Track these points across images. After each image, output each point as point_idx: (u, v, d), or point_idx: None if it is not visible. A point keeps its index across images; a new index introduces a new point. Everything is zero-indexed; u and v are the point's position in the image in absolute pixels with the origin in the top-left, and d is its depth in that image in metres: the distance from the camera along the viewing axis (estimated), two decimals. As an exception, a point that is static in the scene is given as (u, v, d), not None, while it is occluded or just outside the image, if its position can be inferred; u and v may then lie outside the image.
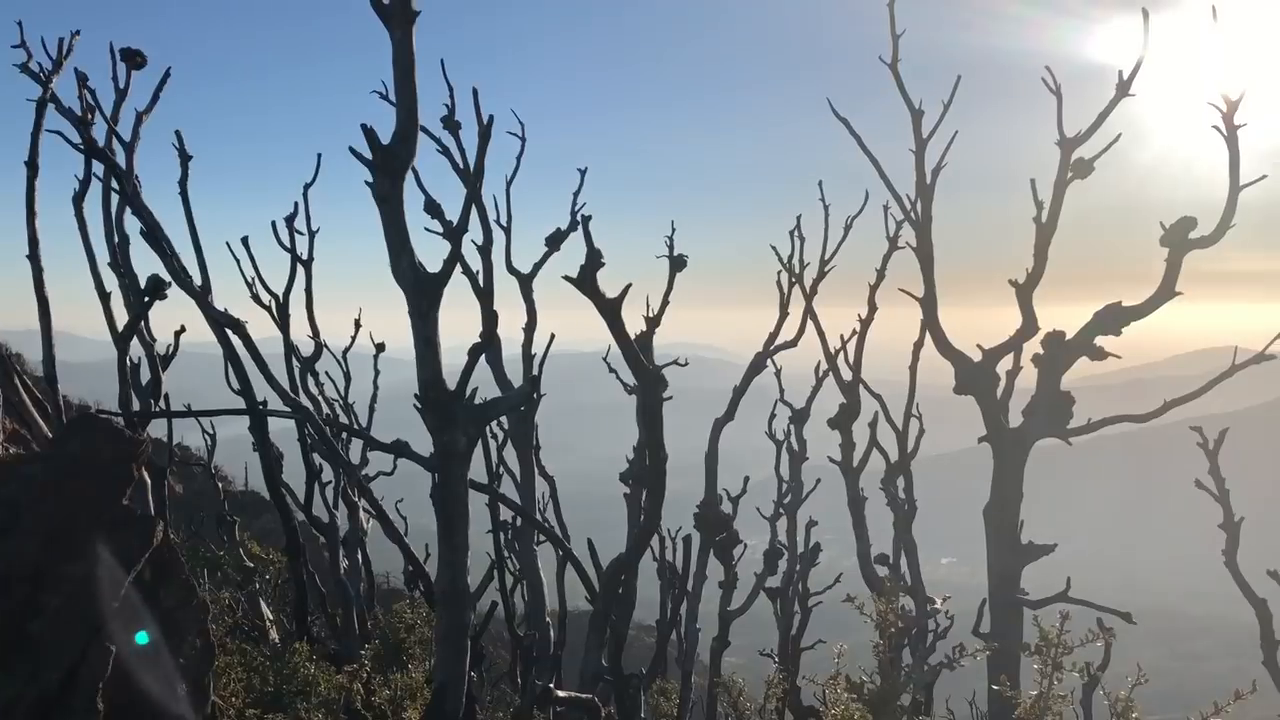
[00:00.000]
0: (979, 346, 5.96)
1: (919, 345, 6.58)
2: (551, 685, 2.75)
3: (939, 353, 6.13)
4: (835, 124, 6.32)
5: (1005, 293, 6.02)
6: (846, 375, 7.57)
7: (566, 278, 3.62)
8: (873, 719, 3.68)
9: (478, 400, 3.69)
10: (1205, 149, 5.41)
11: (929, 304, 6.15)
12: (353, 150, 3.38)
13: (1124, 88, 5.32)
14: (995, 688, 4.22)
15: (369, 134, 3.35)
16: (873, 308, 7.35)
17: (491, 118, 4.21)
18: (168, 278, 4.80)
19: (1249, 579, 6.85)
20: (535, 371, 6.96)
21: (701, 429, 8.14)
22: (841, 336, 7.39)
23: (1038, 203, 5.63)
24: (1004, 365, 6.11)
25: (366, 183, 3.42)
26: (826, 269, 7.34)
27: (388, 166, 3.37)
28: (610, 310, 3.59)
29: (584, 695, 2.99)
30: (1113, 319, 5.75)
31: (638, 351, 3.65)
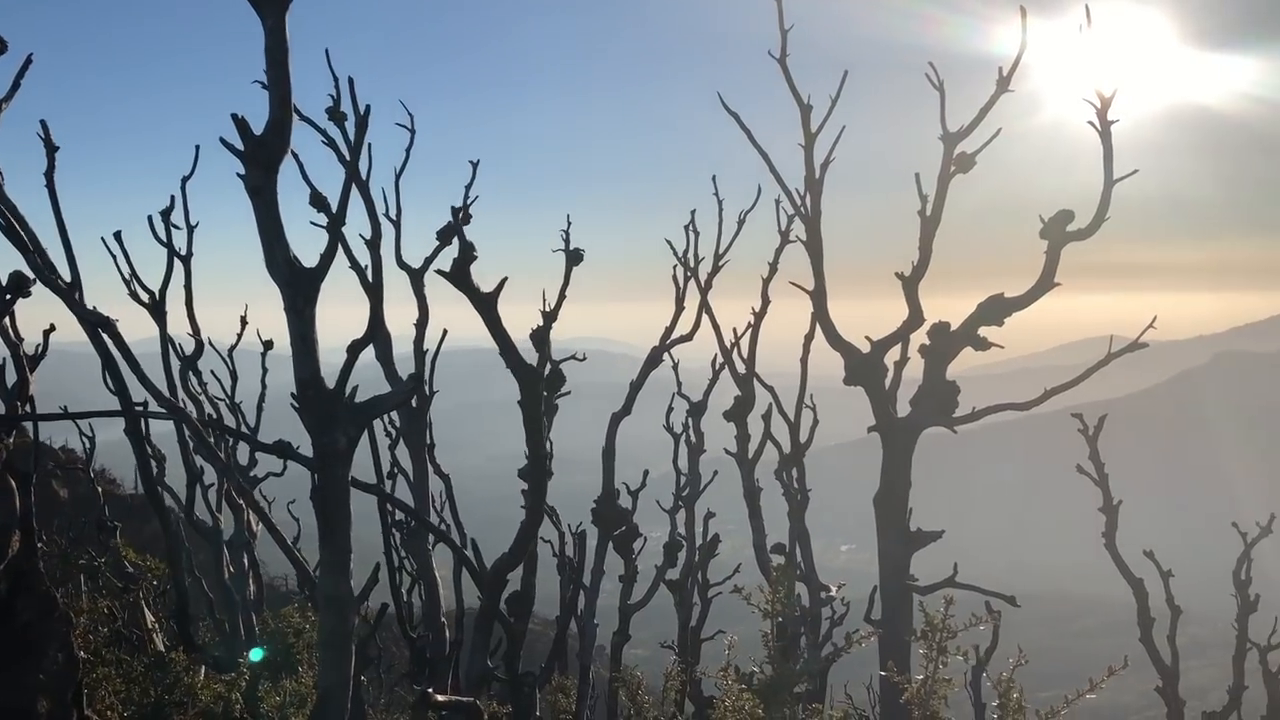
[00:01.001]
0: (868, 338, 6.07)
1: (809, 337, 6.67)
2: (430, 690, 2.69)
3: (829, 345, 6.22)
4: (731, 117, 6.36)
5: (894, 285, 6.14)
6: (742, 368, 7.64)
7: (440, 272, 3.56)
8: (763, 708, 3.70)
9: (364, 399, 3.63)
10: (1088, 144, 5.60)
11: (819, 297, 6.23)
12: (223, 141, 3.26)
13: (1004, 84, 5.47)
14: (883, 673, 4.29)
15: (240, 124, 3.23)
16: (766, 301, 7.42)
17: (368, 107, 4.12)
18: (31, 274, 4.58)
19: (1129, 559, 7.14)
20: (429, 368, 6.85)
21: (605, 424, 8.14)
22: (735, 330, 7.45)
23: (922, 196, 5.76)
24: (892, 356, 6.24)
25: (239, 175, 3.30)
26: (721, 263, 7.39)
27: (260, 158, 3.25)
28: (485, 305, 3.54)
29: (465, 699, 2.95)
30: (995, 310, 5.91)
31: (514, 347, 3.62)
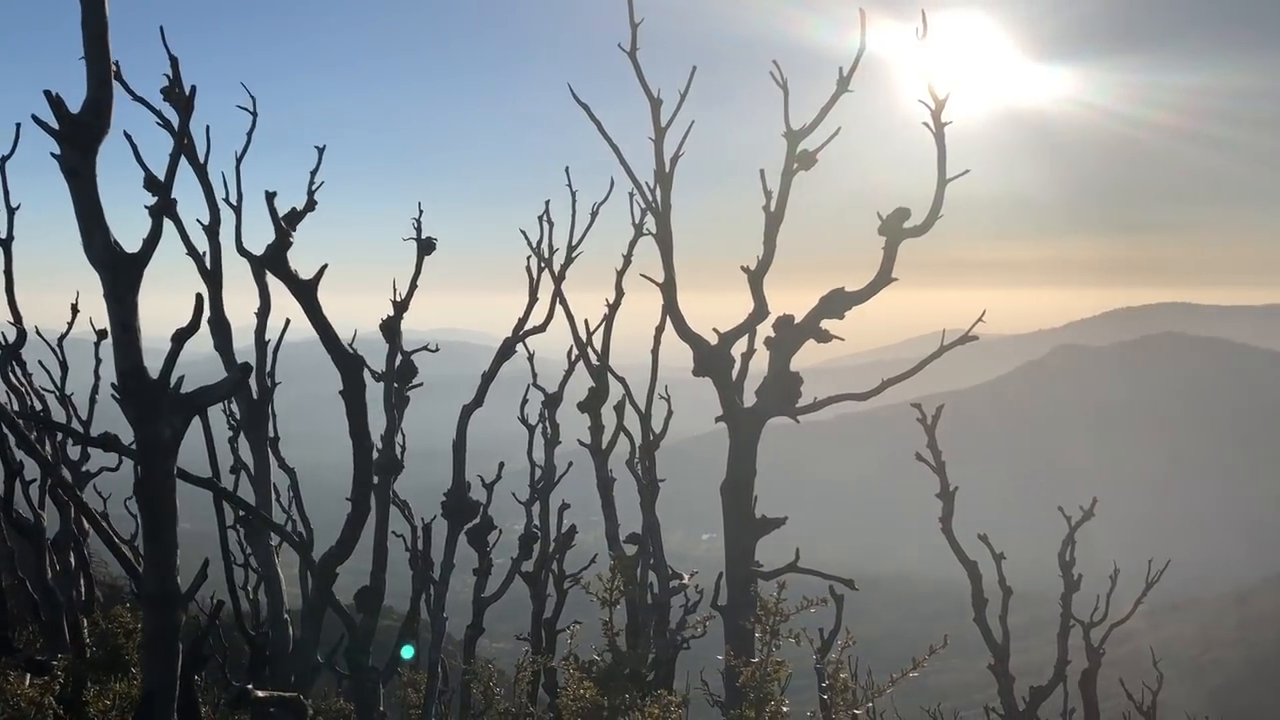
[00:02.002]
0: (715, 330, 6.19)
1: (660, 330, 6.76)
2: (249, 686, 2.63)
3: (679, 337, 6.31)
4: (595, 108, 6.38)
5: (742, 279, 6.27)
6: (597, 360, 7.68)
7: (249, 255, 3.48)
8: (602, 695, 3.75)
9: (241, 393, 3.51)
10: (931, 143, 5.81)
11: (669, 289, 6.31)
12: (36, 119, 3.11)
13: (843, 84, 5.65)
14: (719, 657, 4.40)
15: (54, 102, 3.08)
16: (620, 293, 7.48)
17: (194, 88, 3.98)
18: None
19: (973, 543, 7.47)
20: (271, 358, 6.66)
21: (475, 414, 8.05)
22: (586, 322, 7.48)
23: (766, 192, 5.89)
24: (739, 348, 6.38)
25: (54, 155, 3.15)
26: (574, 254, 7.40)
27: (77, 138, 3.11)
28: (305, 292, 3.47)
29: (288, 694, 2.89)
30: (837, 303, 6.10)
31: (335, 335, 3.55)
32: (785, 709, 3.76)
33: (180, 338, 3.20)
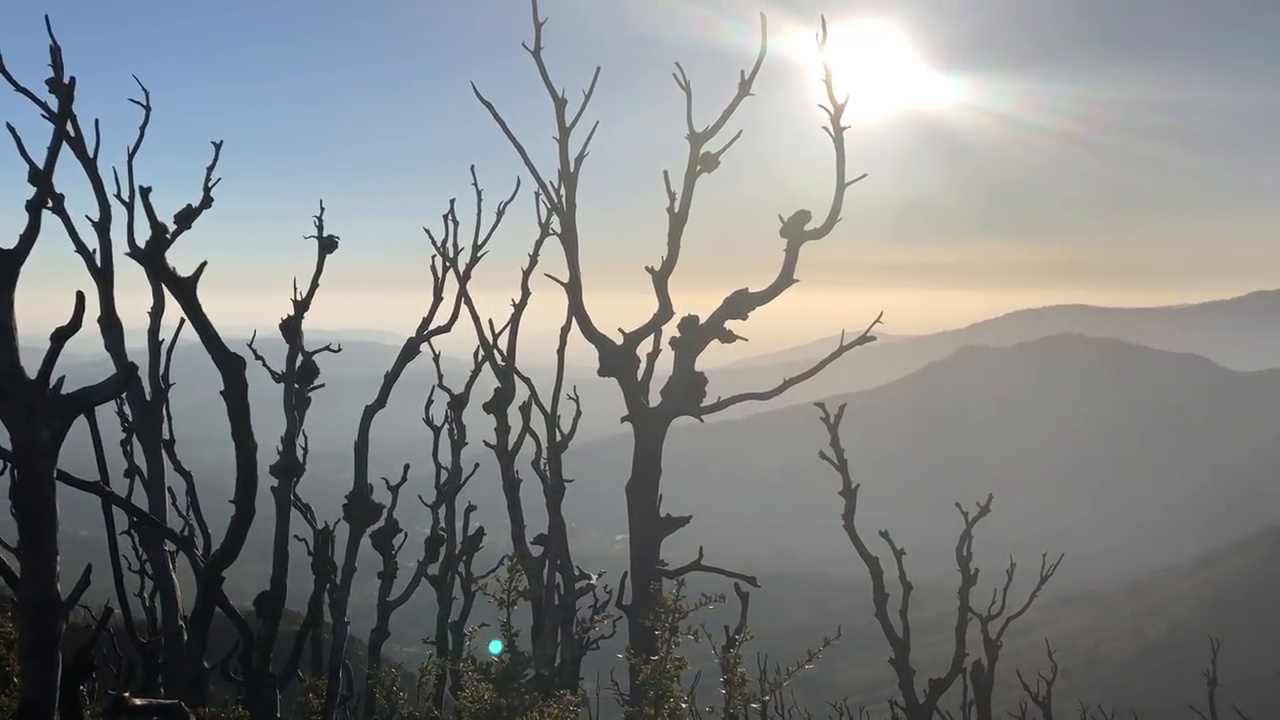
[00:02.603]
0: (620, 330, 6.21)
1: (566, 330, 6.75)
2: (125, 694, 2.55)
3: (585, 337, 6.31)
4: (504, 107, 6.35)
5: (649, 279, 6.29)
6: (503, 360, 7.63)
7: (130, 253, 3.39)
8: (501, 697, 3.73)
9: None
10: (849, 148, 5.92)
11: (574, 289, 6.31)
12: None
13: (745, 87, 5.72)
14: (620, 656, 4.41)
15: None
16: (526, 293, 7.45)
17: (74, 79, 3.84)
18: None
19: (879, 539, 7.61)
20: (165, 359, 6.48)
21: (381, 416, 7.93)
22: (491, 322, 7.44)
23: (670, 194, 5.93)
24: (645, 348, 6.41)
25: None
26: (479, 254, 7.35)
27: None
28: (184, 291, 3.39)
29: (168, 700, 2.82)
30: (740, 304, 6.17)
31: (216, 334, 3.47)
32: (684, 705, 3.80)
33: (60, 336, 3.09)
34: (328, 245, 6.89)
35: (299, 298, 6.77)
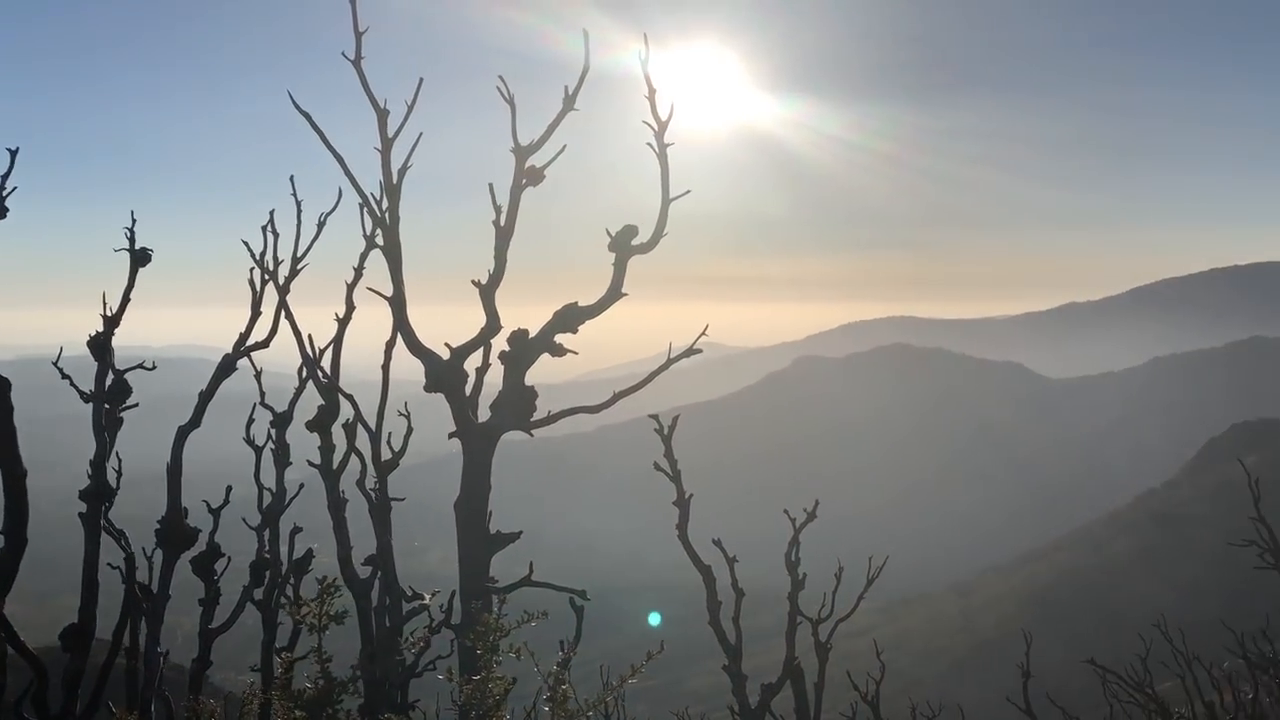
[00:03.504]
0: (447, 345, 6.12)
1: (390, 345, 6.61)
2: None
3: (410, 352, 6.20)
4: (331, 116, 6.20)
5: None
6: (326, 376, 7.40)
7: None
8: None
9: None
10: (681, 162, 5.99)
11: (398, 303, 6.19)
12: None
13: (569, 102, 5.74)
14: (440, 677, 4.33)
15: None
16: (350, 306, 7.25)
17: None
18: None
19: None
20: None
21: (202, 436, 7.57)
22: (310, 337, 7.21)
23: (496, 207, 5.90)
24: (475, 363, 6.34)
25: None
26: (299, 266, 7.12)
27: None
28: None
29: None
30: (570, 317, 6.18)
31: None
32: (506, 725, 3.76)
33: None
34: (140, 258, 6.57)
35: (109, 313, 6.44)
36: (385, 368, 6.80)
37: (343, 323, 7.20)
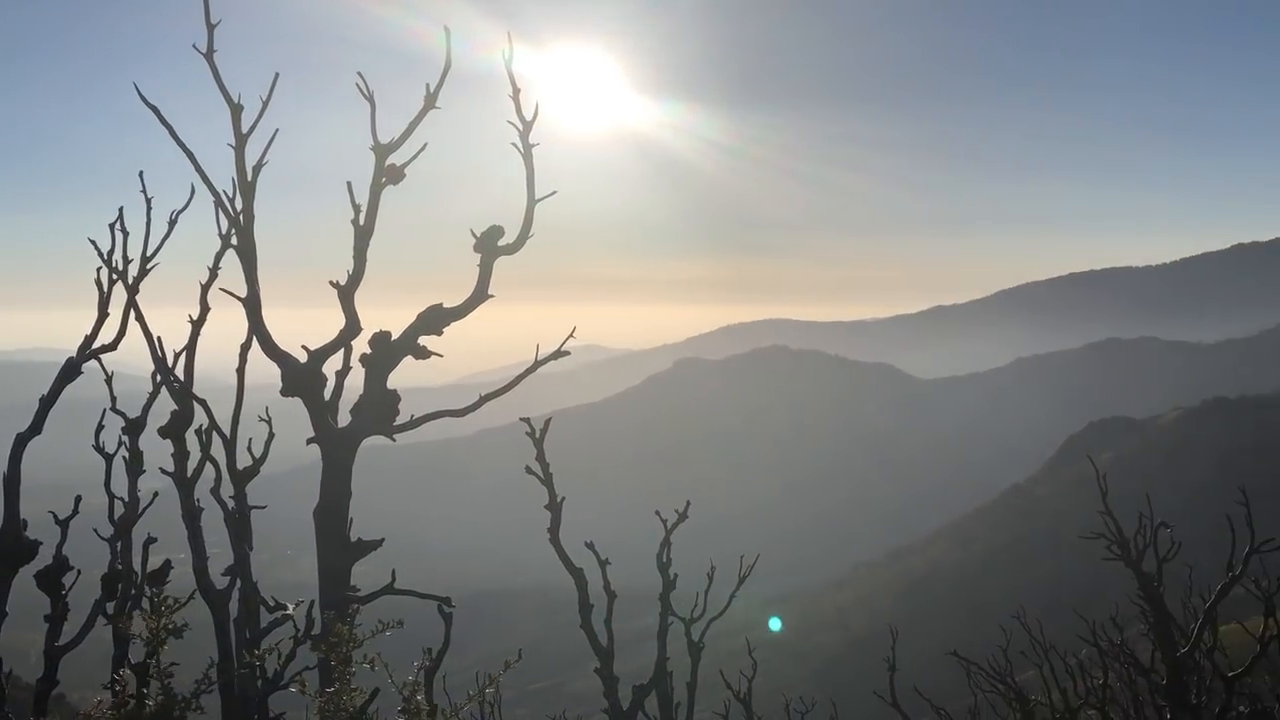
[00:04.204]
0: (304, 347, 5.95)
1: (246, 347, 6.38)
2: None
3: (265, 355, 6.00)
4: (180, 110, 5.95)
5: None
6: (180, 380, 7.11)
7: None
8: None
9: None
10: (561, 165, 5.93)
11: (253, 305, 5.98)
12: None
13: (430, 100, 5.64)
14: (293, 689, 4.20)
15: None
16: (205, 308, 6.98)
17: None
18: None
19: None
20: None
21: (51, 445, 7.20)
22: (160, 340, 6.91)
23: (355, 206, 5.76)
24: (336, 366, 6.17)
25: None
26: (150, 266, 6.82)
27: None
28: None
29: None
30: (434, 319, 6.07)
31: None
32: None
33: None
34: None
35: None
36: (240, 371, 6.58)
37: (197, 325, 6.93)
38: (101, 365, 7.26)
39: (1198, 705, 9.32)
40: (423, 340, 6.11)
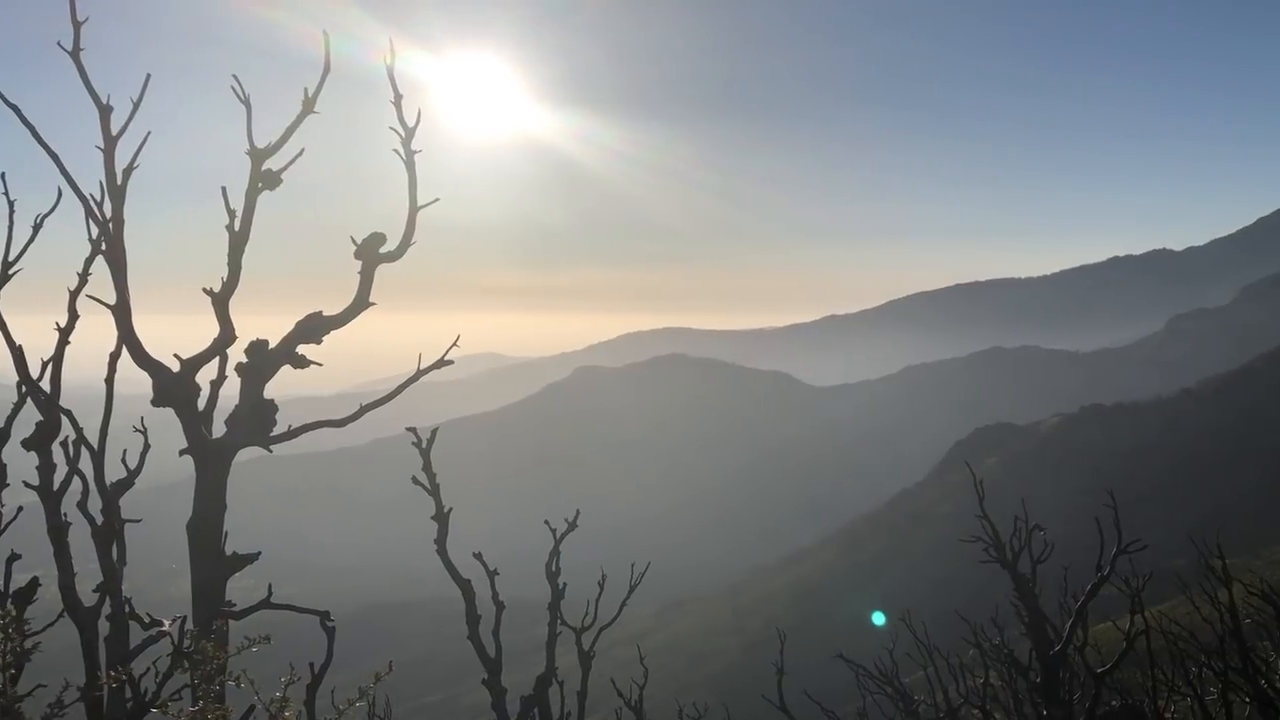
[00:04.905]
0: (176, 356, 5.77)
1: (115, 356, 6.15)
2: None
3: (136, 364, 5.80)
4: (63, 112, 5.72)
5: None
6: (48, 389, 6.83)
7: None
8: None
9: None
10: (451, 172, 5.86)
11: (123, 312, 5.78)
12: None
13: (309, 105, 5.54)
14: (155, 710, 4.07)
15: None
16: (74, 315, 6.71)
17: None
18: None
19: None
20: None
21: None
22: (20, 349, 6.62)
23: (230, 211, 5.61)
24: (210, 375, 6.01)
25: None
26: (12, 272, 6.54)
27: None
28: None
29: None
30: (314, 328, 5.95)
31: None
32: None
33: None
34: None
35: None
36: (109, 381, 6.33)
37: (64, 333, 6.65)
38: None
39: (1069, 701, 9.68)
40: (302, 349, 5.99)
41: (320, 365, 5.98)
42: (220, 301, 5.71)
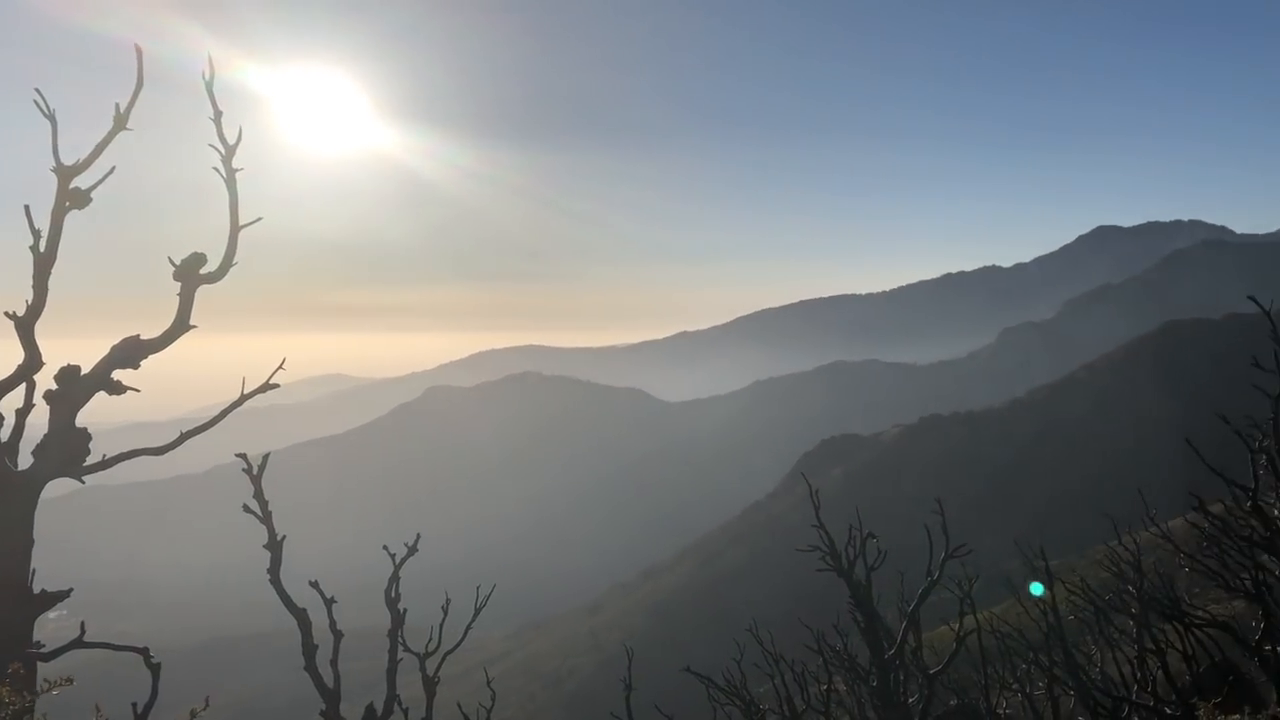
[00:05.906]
0: (-25, 384, 5.42)
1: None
2: None
3: (-69, 393, 5.43)
4: None
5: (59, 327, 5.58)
6: None
7: None
8: None
9: None
10: (285, 186, 5.67)
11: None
12: None
13: (121, 121, 5.30)
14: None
15: None
16: None
17: None
18: None
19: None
20: None
21: None
22: None
23: (35, 231, 5.32)
24: (15, 404, 5.66)
25: None
26: None
27: None
28: None
29: None
30: (131, 352, 5.70)
31: None
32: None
33: None
34: None
35: None
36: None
37: None
38: None
39: (904, 703, 10.02)
40: (118, 374, 5.72)
41: (138, 391, 5.73)
42: (24, 326, 5.39)
